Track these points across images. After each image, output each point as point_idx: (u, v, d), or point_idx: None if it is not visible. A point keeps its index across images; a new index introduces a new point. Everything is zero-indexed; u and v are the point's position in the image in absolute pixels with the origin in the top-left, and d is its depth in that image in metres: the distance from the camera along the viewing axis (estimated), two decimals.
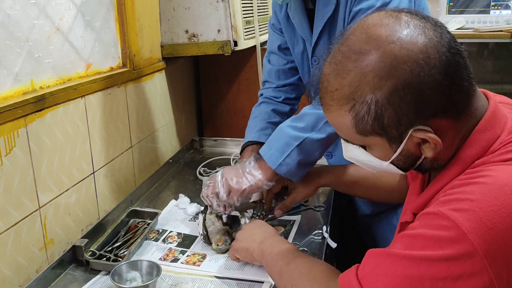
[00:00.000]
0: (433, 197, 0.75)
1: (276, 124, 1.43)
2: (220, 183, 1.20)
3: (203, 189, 1.24)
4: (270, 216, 1.31)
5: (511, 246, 0.62)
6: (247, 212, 1.34)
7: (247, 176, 1.21)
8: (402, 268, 0.67)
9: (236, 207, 1.23)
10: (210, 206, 1.22)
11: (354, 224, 1.54)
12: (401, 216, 0.92)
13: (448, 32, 0.71)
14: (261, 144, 1.37)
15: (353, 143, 0.78)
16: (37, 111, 1.09)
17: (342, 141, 0.81)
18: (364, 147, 0.78)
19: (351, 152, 0.80)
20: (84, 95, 1.26)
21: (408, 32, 0.68)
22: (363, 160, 0.80)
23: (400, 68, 0.66)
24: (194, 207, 1.36)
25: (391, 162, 0.76)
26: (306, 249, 1.15)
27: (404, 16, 0.71)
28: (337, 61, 0.72)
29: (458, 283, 0.63)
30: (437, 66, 0.67)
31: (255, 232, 1.06)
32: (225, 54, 1.71)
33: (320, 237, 1.20)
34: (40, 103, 1.09)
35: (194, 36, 1.71)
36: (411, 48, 0.67)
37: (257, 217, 1.29)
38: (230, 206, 1.22)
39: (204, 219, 1.21)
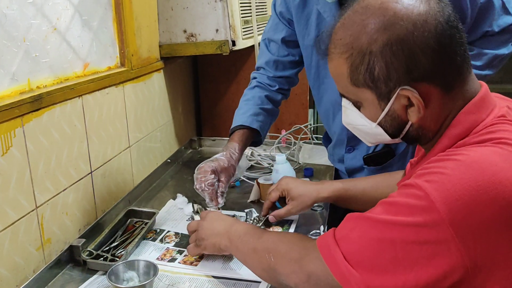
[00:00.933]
0: None
1: (268, 111, 1.45)
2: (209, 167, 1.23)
3: (195, 183, 1.25)
4: (266, 217, 1.30)
5: (476, 217, 0.66)
6: (243, 212, 1.34)
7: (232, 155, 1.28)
8: (376, 231, 0.72)
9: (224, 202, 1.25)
10: (197, 206, 1.25)
11: None
12: None
13: (451, 9, 0.76)
14: (252, 130, 1.38)
15: (348, 98, 0.83)
16: (34, 111, 1.09)
17: (342, 104, 0.87)
18: (358, 107, 0.83)
19: (349, 116, 0.86)
20: (81, 95, 1.26)
21: None
22: (358, 124, 0.85)
23: (397, 24, 0.72)
24: (191, 207, 1.36)
25: (380, 124, 0.81)
26: None
27: None
28: (347, 16, 0.79)
29: (425, 247, 0.67)
30: (432, 32, 0.72)
31: (215, 226, 1.06)
32: (223, 54, 1.70)
33: (318, 236, 1.20)
34: (37, 103, 1.09)
35: (192, 35, 1.71)
36: (412, 9, 0.73)
37: (252, 219, 1.29)
38: (222, 193, 1.24)
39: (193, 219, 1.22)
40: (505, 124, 0.74)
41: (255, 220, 1.28)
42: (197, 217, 1.22)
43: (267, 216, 1.26)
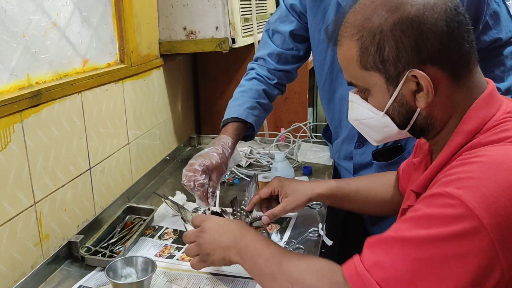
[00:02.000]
0: (436, 175, 0.78)
1: (264, 105, 1.41)
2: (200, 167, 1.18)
3: (182, 178, 1.20)
4: (255, 217, 1.26)
5: None
6: (228, 208, 1.32)
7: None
8: (411, 251, 0.67)
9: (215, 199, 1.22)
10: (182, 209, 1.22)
11: (359, 222, 1.52)
12: (403, 202, 0.93)
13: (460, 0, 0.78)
14: (246, 123, 1.34)
15: (356, 85, 0.84)
16: (33, 106, 1.09)
17: (349, 99, 0.88)
18: (365, 98, 0.83)
19: (356, 111, 0.87)
20: (80, 91, 1.26)
21: None
22: (365, 118, 0.85)
23: (408, 4, 0.74)
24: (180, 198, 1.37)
25: (388, 113, 0.81)
26: (302, 246, 1.15)
27: None
28: (358, 3, 0.80)
29: (468, 259, 0.64)
30: (442, 14, 0.74)
31: (220, 239, 0.96)
32: (223, 52, 1.70)
33: (316, 234, 1.20)
34: (36, 99, 1.09)
35: (192, 33, 1.71)
36: None
37: (238, 213, 1.23)
38: (213, 192, 1.20)
39: (184, 219, 1.19)
40: None
41: (241, 213, 1.21)
42: (189, 226, 1.14)
43: (260, 216, 1.20)
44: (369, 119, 0.84)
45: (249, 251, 0.91)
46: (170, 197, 1.33)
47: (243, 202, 1.28)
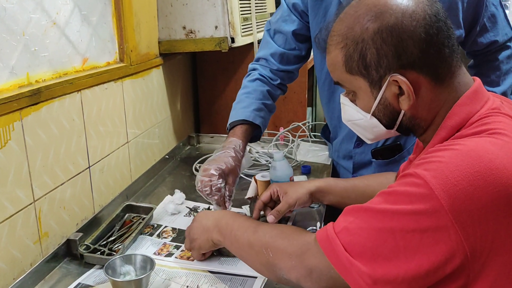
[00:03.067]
0: None
1: (268, 106, 1.41)
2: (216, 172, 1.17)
3: (197, 185, 1.19)
4: (263, 214, 1.30)
5: (475, 202, 0.67)
6: (241, 208, 1.35)
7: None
8: (376, 221, 0.73)
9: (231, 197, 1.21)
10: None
11: None
12: None
13: (441, 7, 0.80)
14: (254, 125, 1.34)
15: (343, 86, 0.87)
16: (33, 105, 1.09)
17: (341, 101, 0.91)
18: (354, 101, 0.87)
19: (348, 113, 0.90)
20: (80, 90, 1.26)
21: None
22: (355, 119, 0.89)
23: (387, 13, 0.77)
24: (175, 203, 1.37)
25: (374, 115, 0.84)
26: None
27: None
28: (344, 12, 0.84)
29: (426, 235, 0.69)
30: (420, 22, 0.76)
31: (204, 223, 1.05)
32: (222, 51, 1.71)
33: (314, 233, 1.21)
34: (35, 97, 1.09)
35: (191, 32, 1.71)
36: (402, 2, 0.78)
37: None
38: (230, 196, 1.20)
39: None
40: (499, 116, 0.77)
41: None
42: None
43: (265, 216, 1.21)
44: (359, 120, 0.88)
45: (228, 227, 0.99)
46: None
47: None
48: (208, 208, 1.34)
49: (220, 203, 1.18)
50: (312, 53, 1.50)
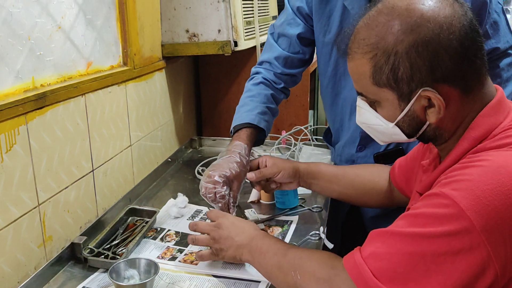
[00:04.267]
0: (438, 177, 0.79)
1: (272, 110, 1.41)
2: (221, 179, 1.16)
3: (201, 190, 1.18)
4: (266, 217, 1.31)
5: (507, 222, 0.66)
6: (245, 212, 1.35)
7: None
8: (404, 245, 0.71)
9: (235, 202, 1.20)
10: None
11: (360, 227, 1.53)
12: (409, 202, 0.97)
13: (472, 13, 0.78)
14: (259, 129, 1.34)
15: (366, 97, 0.84)
16: (38, 109, 1.10)
17: (357, 103, 0.88)
18: (375, 108, 0.83)
19: (364, 116, 0.87)
20: (84, 93, 1.27)
21: (438, 0, 0.76)
22: (373, 124, 0.86)
23: (424, 26, 0.73)
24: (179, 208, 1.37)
25: (397, 124, 0.82)
26: None
27: None
28: (371, 15, 0.79)
29: (458, 257, 0.67)
30: (456, 34, 0.74)
31: (234, 238, 1.02)
32: (225, 54, 1.71)
33: (317, 237, 1.21)
34: (41, 101, 1.10)
35: (194, 35, 1.72)
36: (438, 12, 0.74)
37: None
38: (234, 203, 1.19)
39: None
40: None
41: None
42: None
43: (262, 219, 1.23)
44: (377, 125, 0.86)
45: (258, 249, 0.97)
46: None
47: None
48: None
49: (224, 209, 1.17)
50: (315, 56, 1.51)
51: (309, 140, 1.87)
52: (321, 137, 1.71)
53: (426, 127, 0.81)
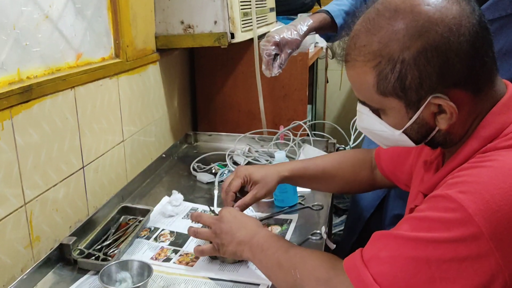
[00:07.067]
0: (444, 178, 0.75)
1: (348, 21, 1.42)
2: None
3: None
4: (264, 216, 1.26)
5: None
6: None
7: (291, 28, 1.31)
8: (408, 249, 0.67)
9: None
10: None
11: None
12: (410, 200, 0.92)
13: (479, 8, 0.72)
14: (333, 23, 1.37)
15: (369, 106, 0.78)
16: (24, 102, 1.04)
17: (358, 109, 0.82)
18: (378, 114, 0.78)
19: (366, 121, 0.81)
20: (73, 86, 1.21)
21: None
22: (376, 130, 0.80)
23: (432, 30, 0.68)
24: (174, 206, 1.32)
25: (405, 132, 0.76)
26: None
27: None
28: (371, 18, 0.72)
29: (464, 264, 0.63)
30: (466, 35, 0.68)
31: (236, 233, 0.98)
32: (222, 47, 1.65)
33: (319, 237, 1.16)
34: (26, 94, 1.04)
35: (189, 27, 1.65)
36: (445, 13, 0.68)
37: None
38: (281, 64, 1.30)
39: None
40: None
41: None
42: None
43: (268, 210, 1.20)
44: (381, 131, 0.80)
45: (259, 246, 0.93)
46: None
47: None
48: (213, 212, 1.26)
49: (268, 64, 1.30)
50: (312, 47, 1.51)
51: (308, 135, 1.81)
52: (320, 133, 1.66)
53: (435, 132, 0.76)
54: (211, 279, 1.01)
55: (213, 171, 1.56)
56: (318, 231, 1.18)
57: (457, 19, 0.68)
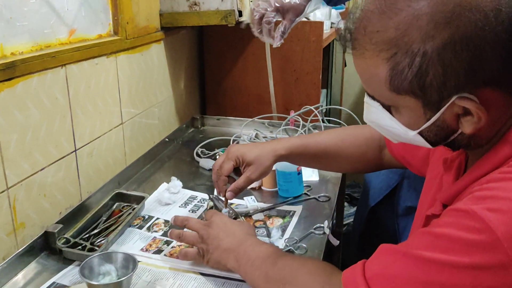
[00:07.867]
0: (468, 187, 0.63)
1: None
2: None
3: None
4: (266, 206, 1.18)
5: None
6: (243, 200, 1.21)
7: None
8: (419, 272, 0.57)
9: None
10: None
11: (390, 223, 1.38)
12: (425, 201, 0.81)
13: None
14: None
15: (379, 101, 0.66)
16: (6, 80, 0.96)
17: (365, 100, 0.69)
18: (389, 110, 0.66)
19: (374, 115, 0.69)
20: (65, 64, 1.13)
21: None
22: (386, 125, 0.68)
23: (464, 16, 0.55)
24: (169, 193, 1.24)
25: (420, 133, 0.65)
26: (304, 245, 1.02)
27: None
28: (388, 0, 0.59)
29: None
30: (506, 23, 0.55)
31: (222, 240, 0.90)
32: (229, 25, 1.56)
33: (322, 232, 1.07)
34: (9, 71, 0.97)
35: (195, 4, 1.56)
36: None
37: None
38: (283, 33, 1.18)
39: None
40: None
41: (230, 213, 1.09)
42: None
43: (254, 210, 1.10)
44: (392, 128, 0.68)
45: (246, 256, 0.86)
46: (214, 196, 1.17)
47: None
48: (213, 207, 1.16)
49: (270, 34, 1.19)
50: (330, 30, 1.39)
51: (319, 121, 1.71)
52: (334, 119, 1.56)
53: (457, 135, 0.64)
54: (202, 274, 0.94)
55: (217, 157, 1.48)
56: (322, 225, 1.09)
57: (496, 2, 0.55)
